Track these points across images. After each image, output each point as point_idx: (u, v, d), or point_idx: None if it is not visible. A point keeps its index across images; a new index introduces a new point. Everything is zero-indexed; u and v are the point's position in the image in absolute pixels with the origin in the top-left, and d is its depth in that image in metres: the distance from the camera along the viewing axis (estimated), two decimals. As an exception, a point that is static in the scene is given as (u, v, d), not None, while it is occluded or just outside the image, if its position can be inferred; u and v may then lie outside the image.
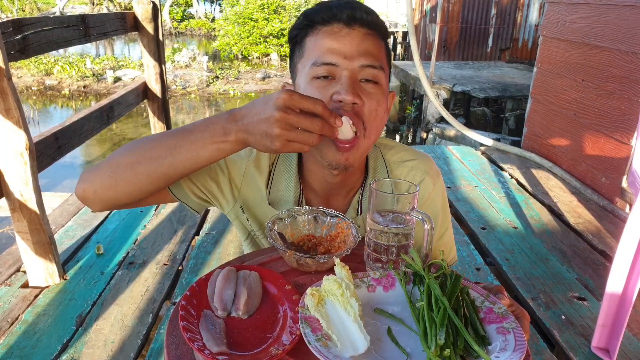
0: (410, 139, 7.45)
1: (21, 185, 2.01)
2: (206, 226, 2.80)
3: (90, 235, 2.64)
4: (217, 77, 11.75)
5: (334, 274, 0.77)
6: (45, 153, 2.23)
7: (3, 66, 1.85)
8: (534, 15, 9.30)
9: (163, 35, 3.71)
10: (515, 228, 2.87)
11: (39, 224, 2.09)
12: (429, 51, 9.06)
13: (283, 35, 14.49)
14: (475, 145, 4.67)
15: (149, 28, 3.52)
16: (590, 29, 3.47)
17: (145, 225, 2.78)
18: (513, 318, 0.71)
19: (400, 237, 0.82)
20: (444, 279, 0.77)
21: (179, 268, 2.39)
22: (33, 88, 10.71)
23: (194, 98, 10.55)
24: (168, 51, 12.88)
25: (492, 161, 4.11)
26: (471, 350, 0.65)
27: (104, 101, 3.08)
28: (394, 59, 11.13)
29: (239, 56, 14.97)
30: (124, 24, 3.32)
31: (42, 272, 2.16)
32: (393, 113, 8.06)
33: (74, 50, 14.04)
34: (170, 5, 20.57)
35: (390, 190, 0.85)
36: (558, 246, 2.68)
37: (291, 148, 0.77)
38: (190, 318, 0.73)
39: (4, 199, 2.04)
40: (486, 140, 4.48)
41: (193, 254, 2.50)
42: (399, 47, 11.90)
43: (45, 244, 2.13)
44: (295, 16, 15.30)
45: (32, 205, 2.05)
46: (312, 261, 0.85)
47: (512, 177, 3.74)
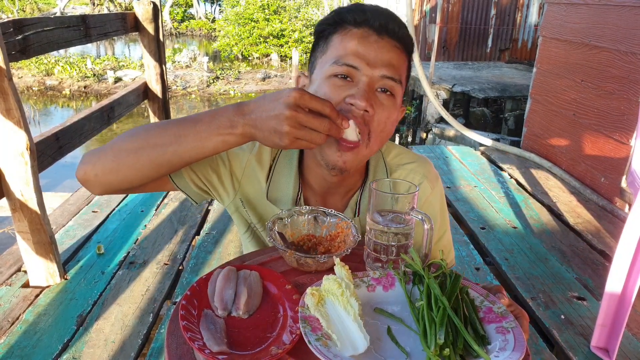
0: (410, 139, 7.45)
1: (22, 185, 2.01)
2: (206, 226, 2.80)
3: (90, 235, 2.64)
4: (218, 78, 11.75)
5: (334, 274, 0.78)
6: (46, 153, 2.23)
7: (4, 66, 1.85)
8: (533, 15, 9.30)
9: (163, 35, 3.71)
10: (515, 228, 2.88)
11: (39, 223, 2.09)
12: (429, 51, 9.06)
13: (283, 35, 14.49)
14: (474, 145, 4.68)
15: (150, 28, 3.52)
16: (589, 30, 3.47)
17: (145, 225, 2.78)
18: (512, 318, 0.71)
19: (400, 237, 0.83)
20: (443, 278, 0.77)
21: (180, 268, 2.39)
22: (34, 88, 10.71)
23: (195, 98, 10.56)
24: (168, 51, 12.89)
25: (492, 161, 4.12)
26: (471, 349, 0.65)
27: (105, 101, 3.08)
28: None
29: (240, 57, 14.98)
30: (124, 24, 3.33)
31: (43, 272, 2.16)
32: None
33: (74, 50, 14.05)
34: (171, 6, 20.58)
35: (389, 190, 0.85)
36: (557, 246, 2.68)
37: (298, 145, 0.79)
38: (191, 317, 0.73)
39: (4, 199, 2.04)
40: (486, 140, 4.48)
41: (193, 254, 2.50)
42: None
43: (45, 244, 2.13)
44: (295, 17, 15.31)
45: (33, 205, 2.05)
46: (312, 261, 0.85)
47: (512, 177, 3.74)
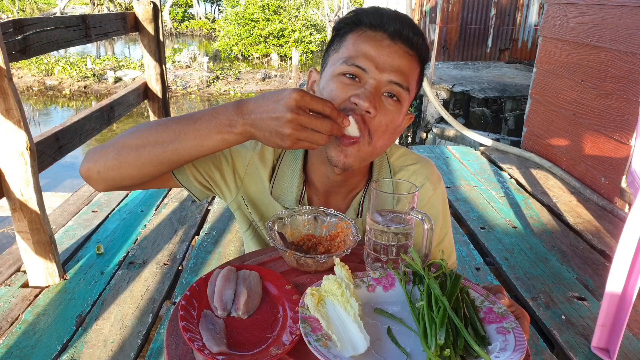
0: (410, 139, 7.45)
1: (22, 185, 2.01)
2: (206, 226, 2.80)
3: (90, 235, 2.64)
4: (218, 78, 11.75)
5: (334, 274, 0.77)
6: (45, 153, 2.23)
7: (4, 66, 1.85)
8: (533, 15, 9.29)
9: (163, 35, 3.71)
10: (515, 228, 2.88)
11: (39, 223, 2.09)
12: (429, 51, 9.05)
13: (283, 35, 14.50)
14: (474, 145, 4.68)
15: (150, 28, 3.52)
16: (589, 29, 3.47)
17: (145, 225, 2.78)
18: (513, 318, 0.71)
19: (400, 237, 0.82)
20: (443, 278, 0.77)
21: (179, 268, 2.39)
22: (34, 88, 10.71)
23: (195, 98, 10.56)
24: (168, 51, 12.89)
25: (492, 161, 4.11)
26: (471, 350, 0.65)
27: (105, 101, 3.08)
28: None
29: (239, 56, 14.98)
30: (124, 24, 3.33)
31: (42, 272, 2.16)
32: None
33: (74, 50, 14.06)
34: (171, 6, 20.58)
35: (390, 190, 0.85)
36: (557, 246, 2.68)
37: (300, 146, 0.78)
38: (190, 318, 0.73)
39: (4, 198, 2.04)
40: (486, 140, 4.48)
41: (193, 254, 2.50)
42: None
43: (45, 244, 2.13)
44: (295, 16, 15.32)
45: (33, 205, 2.05)
46: (312, 261, 0.85)
47: (512, 177, 3.74)
